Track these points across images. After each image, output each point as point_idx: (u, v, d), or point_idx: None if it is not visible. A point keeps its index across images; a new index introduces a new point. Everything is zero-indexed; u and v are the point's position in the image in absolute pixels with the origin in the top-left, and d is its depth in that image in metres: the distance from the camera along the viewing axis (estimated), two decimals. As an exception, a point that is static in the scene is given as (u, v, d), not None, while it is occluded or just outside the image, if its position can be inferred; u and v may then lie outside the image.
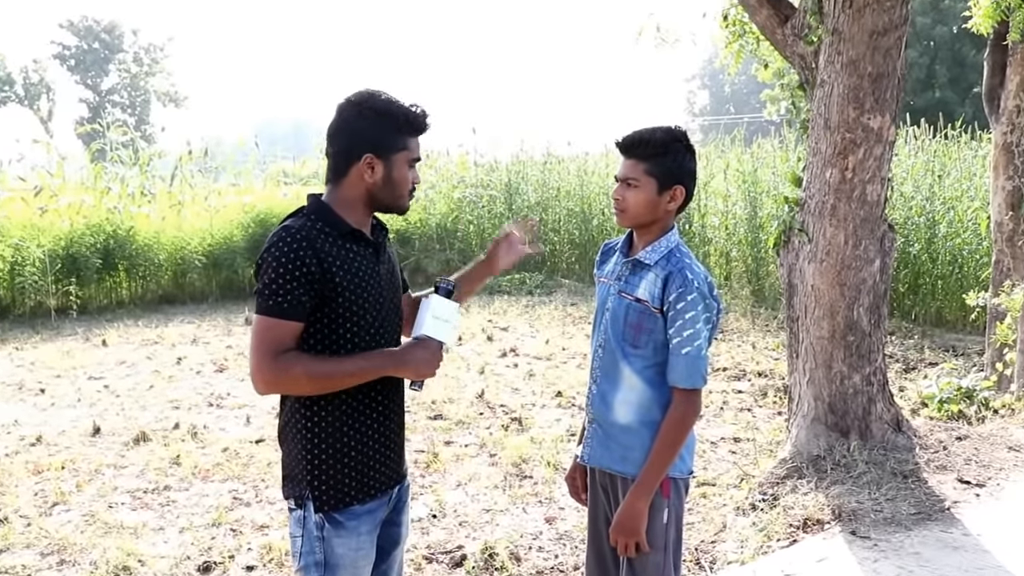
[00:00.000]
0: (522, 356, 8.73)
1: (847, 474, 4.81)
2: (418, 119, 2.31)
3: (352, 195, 2.31)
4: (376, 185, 2.29)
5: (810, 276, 5.17)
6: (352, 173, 2.29)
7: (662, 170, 2.54)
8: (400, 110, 2.28)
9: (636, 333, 2.55)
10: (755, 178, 11.91)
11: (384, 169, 2.28)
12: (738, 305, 11.07)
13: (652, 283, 2.55)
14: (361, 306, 2.26)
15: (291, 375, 2.17)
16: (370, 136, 2.26)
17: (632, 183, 2.57)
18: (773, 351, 8.72)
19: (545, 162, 15.52)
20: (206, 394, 7.34)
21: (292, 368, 2.16)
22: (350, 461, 2.29)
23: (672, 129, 2.58)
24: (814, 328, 5.19)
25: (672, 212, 2.61)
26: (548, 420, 6.51)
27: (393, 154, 2.28)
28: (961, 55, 26.97)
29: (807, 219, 5.19)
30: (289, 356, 2.17)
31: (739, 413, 6.66)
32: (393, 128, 2.27)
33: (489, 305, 11.71)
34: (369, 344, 2.29)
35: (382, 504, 2.39)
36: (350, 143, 2.28)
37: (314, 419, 2.27)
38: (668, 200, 2.58)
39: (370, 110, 2.27)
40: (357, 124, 2.27)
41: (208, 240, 12.55)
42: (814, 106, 5.18)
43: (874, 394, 5.19)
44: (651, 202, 2.57)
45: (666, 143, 2.55)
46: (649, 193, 2.56)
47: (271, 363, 2.16)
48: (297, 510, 2.30)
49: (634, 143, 2.57)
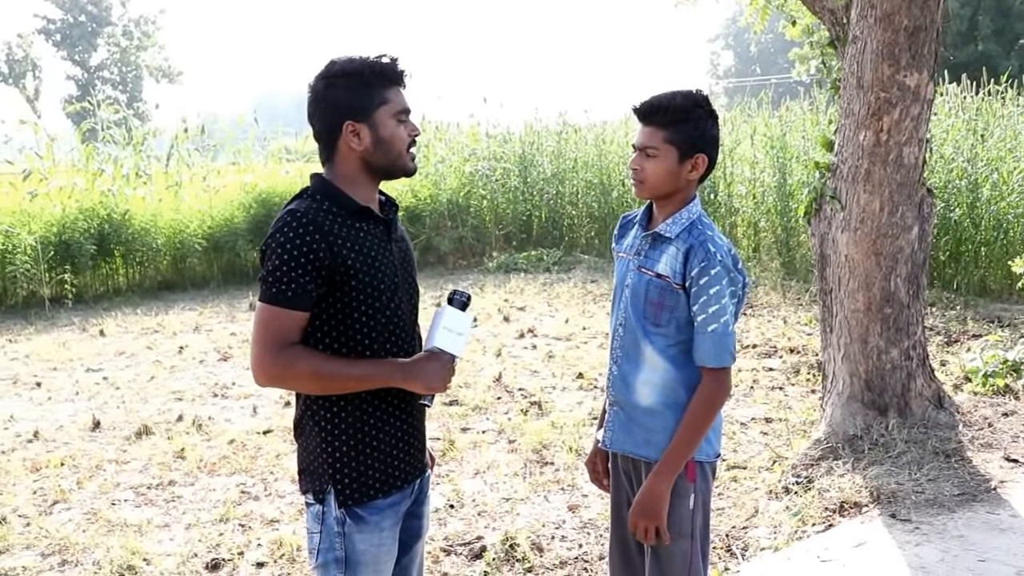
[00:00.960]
0: (540, 337, 8.75)
1: (886, 454, 4.81)
2: (387, 67, 2.28)
3: (349, 169, 2.30)
4: (368, 151, 2.28)
5: (844, 246, 5.15)
6: (341, 147, 2.29)
7: (683, 138, 2.53)
8: (364, 64, 2.25)
9: (657, 311, 2.55)
10: (784, 143, 11.84)
11: (370, 131, 2.27)
12: (768, 278, 11.04)
13: (673, 257, 2.54)
14: (376, 287, 2.26)
15: (294, 371, 2.18)
16: (344, 102, 2.25)
17: (651, 152, 2.55)
18: (806, 326, 8.70)
19: (561, 131, 15.46)
20: (210, 384, 7.39)
21: (296, 364, 2.17)
22: (373, 452, 2.30)
23: (693, 93, 2.56)
24: (849, 301, 5.17)
25: (694, 182, 2.60)
26: (569, 403, 6.53)
27: (373, 112, 2.26)
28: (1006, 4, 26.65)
29: (840, 185, 5.17)
30: (295, 351, 2.17)
31: (770, 392, 6.66)
32: (363, 86, 2.25)
33: (505, 284, 11.72)
34: (385, 327, 2.29)
35: (404, 496, 2.40)
36: (328, 118, 2.27)
37: (334, 409, 2.27)
38: (689, 169, 2.56)
39: (335, 76, 2.26)
40: (328, 95, 2.27)
41: (208, 222, 12.60)
42: (846, 64, 5.14)
43: (913, 369, 5.18)
44: (671, 172, 2.56)
45: (686, 109, 2.53)
46: (669, 162, 2.55)
47: (274, 357, 2.17)
48: (316, 505, 2.30)
49: (652, 109, 2.55)
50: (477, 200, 14.59)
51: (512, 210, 14.49)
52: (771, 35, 50.86)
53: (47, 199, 12.00)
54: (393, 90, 2.29)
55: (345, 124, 2.26)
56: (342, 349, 2.25)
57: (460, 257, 14.10)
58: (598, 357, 7.69)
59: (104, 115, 15.27)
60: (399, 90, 2.31)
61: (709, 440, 2.62)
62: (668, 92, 2.56)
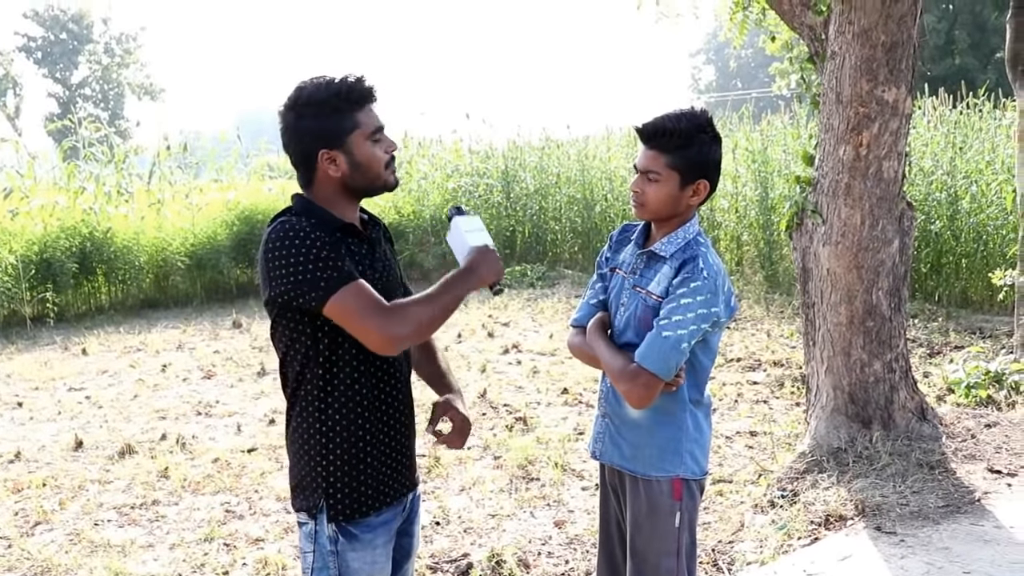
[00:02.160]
0: (525, 352, 8.75)
1: (870, 467, 4.83)
2: (353, 89, 2.26)
3: (329, 193, 2.30)
4: (346, 175, 2.28)
5: (825, 259, 5.18)
6: (318, 174, 2.28)
7: (686, 163, 2.52)
8: (331, 89, 2.24)
9: (645, 329, 2.54)
10: (765, 157, 11.91)
11: (345, 157, 2.26)
12: (751, 291, 11.08)
13: (666, 276, 2.53)
14: None
15: (415, 320, 2.18)
16: (315, 132, 2.24)
17: (653, 176, 2.54)
18: (789, 339, 8.73)
19: (543, 147, 15.52)
20: (194, 402, 7.35)
21: (409, 314, 2.18)
22: (366, 467, 2.30)
23: (697, 115, 2.54)
24: (831, 314, 5.20)
25: (694, 206, 2.60)
26: (554, 419, 6.53)
27: (346, 137, 2.25)
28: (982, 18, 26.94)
29: (820, 199, 5.20)
30: (396, 307, 2.18)
31: (755, 405, 6.68)
32: (332, 112, 2.23)
33: (489, 300, 11.72)
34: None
35: (396, 513, 2.40)
36: (302, 148, 2.27)
37: (328, 423, 2.26)
38: (691, 195, 2.56)
39: (303, 106, 2.24)
40: (299, 126, 2.25)
41: (191, 240, 12.56)
42: (825, 80, 5.19)
43: (896, 381, 5.20)
44: (672, 197, 2.55)
45: (690, 134, 2.51)
46: (671, 188, 2.54)
47: (390, 317, 2.15)
48: (308, 523, 2.30)
49: (656, 132, 2.53)
50: (460, 216, 14.57)
51: (495, 226, 14.49)
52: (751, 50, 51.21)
53: (28, 217, 11.93)
54: (364, 111, 2.27)
55: (320, 153, 2.25)
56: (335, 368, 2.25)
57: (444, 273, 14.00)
58: (583, 372, 7.69)
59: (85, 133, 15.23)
60: (370, 109, 2.29)
61: (695, 457, 2.63)
62: (673, 114, 2.53)
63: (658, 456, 2.61)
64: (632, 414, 2.62)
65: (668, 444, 2.61)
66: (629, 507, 2.66)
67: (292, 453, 2.35)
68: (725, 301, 2.51)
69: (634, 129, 2.61)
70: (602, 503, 2.84)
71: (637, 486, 2.64)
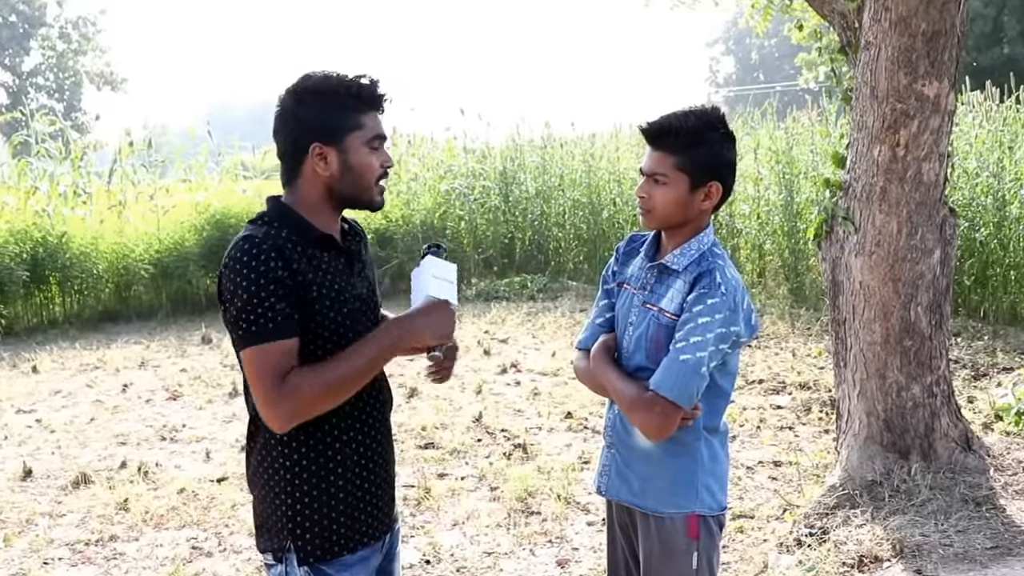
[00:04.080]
0: (525, 372, 8.75)
1: (908, 502, 4.81)
2: (365, 89, 2.28)
3: (311, 195, 2.30)
4: (333, 177, 2.28)
5: (858, 271, 5.17)
6: (305, 169, 2.28)
7: (695, 164, 2.52)
8: (342, 83, 2.26)
9: (657, 350, 2.53)
10: (790, 158, 11.92)
11: (338, 156, 2.26)
12: (774, 306, 11.08)
13: (680, 292, 2.53)
14: (340, 323, 2.25)
15: (305, 397, 2.15)
16: (313, 122, 2.25)
17: (660, 179, 2.55)
18: (817, 359, 8.72)
19: (545, 146, 15.55)
20: (157, 427, 7.34)
21: (302, 390, 2.14)
22: (338, 504, 2.28)
23: (707, 113, 2.55)
24: (864, 332, 5.19)
25: (707, 211, 2.60)
26: (557, 446, 6.52)
27: (344, 136, 2.26)
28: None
29: (852, 205, 5.20)
30: (295, 378, 2.15)
31: (779, 433, 6.66)
32: (336, 106, 2.25)
33: (485, 313, 11.72)
34: None
35: (375, 551, 2.39)
36: (294, 136, 2.27)
37: (293, 456, 2.26)
38: (702, 198, 2.56)
39: (307, 92, 2.26)
40: (297, 113, 2.27)
41: (155, 246, 12.54)
42: (858, 72, 5.19)
43: (937, 407, 5.19)
44: (682, 201, 2.55)
45: (700, 132, 2.52)
46: (680, 191, 2.54)
47: (279, 393, 2.14)
48: (276, 565, 2.29)
49: (662, 131, 2.54)
50: (454, 221, 14.60)
51: (492, 232, 14.50)
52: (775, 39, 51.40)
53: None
54: (369, 115, 2.29)
55: (312, 146, 2.25)
56: None
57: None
58: (589, 395, 7.68)
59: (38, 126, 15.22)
60: (376, 115, 2.31)
61: (712, 491, 2.62)
62: (680, 111, 2.55)
63: (671, 490, 2.60)
64: (642, 444, 2.61)
65: (682, 477, 2.60)
66: (641, 548, 2.64)
67: (255, 489, 2.35)
68: (745, 318, 2.51)
69: (639, 129, 2.61)
70: (610, 544, 2.83)
71: (649, 524, 2.62)
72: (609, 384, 2.61)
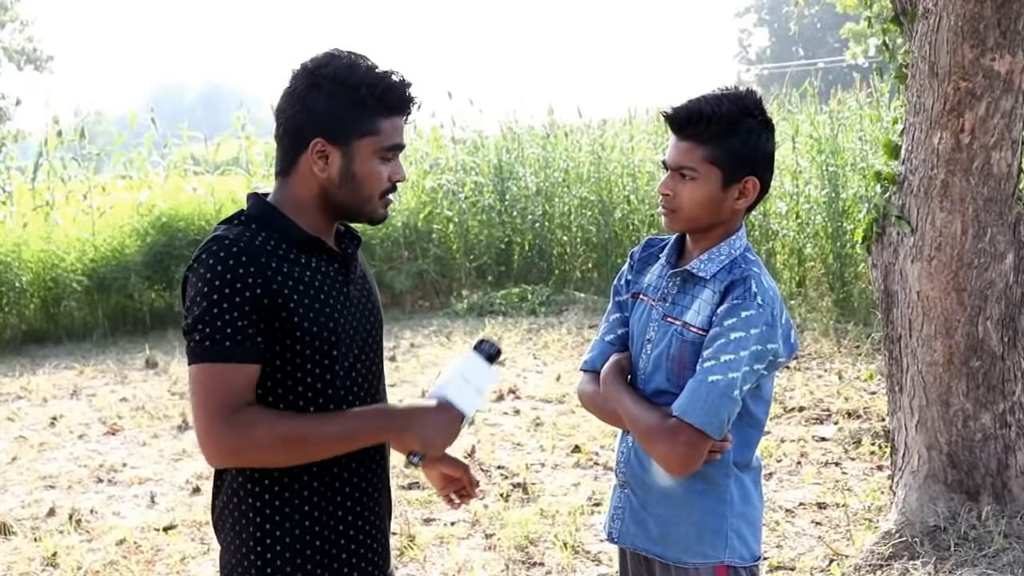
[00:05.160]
0: (525, 399, 8.75)
1: (979, 552, 4.80)
2: (392, 91, 2.26)
3: (303, 195, 2.29)
4: (331, 182, 2.26)
5: (915, 280, 5.16)
6: (301, 165, 2.27)
7: (728, 156, 2.52)
8: (367, 77, 2.23)
9: (681, 370, 2.52)
10: (835, 146, 11.94)
11: (341, 160, 2.25)
12: (817, 320, 11.08)
13: (708, 303, 2.53)
14: (327, 340, 2.23)
15: (255, 439, 2.13)
16: (321, 112, 2.23)
17: (687, 173, 2.55)
18: (867, 383, 8.72)
19: (547, 135, 15.58)
20: (93, 466, 7.31)
21: (256, 429, 2.13)
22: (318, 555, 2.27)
23: (743, 96, 2.55)
24: (923, 351, 5.18)
25: (741, 212, 2.60)
26: (563, 485, 6.51)
27: (355, 139, 2.24)
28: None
29: (908, 201, 5.19)
30: (252, 413, 2.13)
31: (823, 469, 6.65)
32: (354, 103, 2.23)
33: (479, 330, 11.72)
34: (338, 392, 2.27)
35: None
36: (297, 123, 2.25)
37: (265, 496, 2.24)
38: (736, 196, 2.57)
39: (326, 78, 2.23)
40: (307, 97, 2.24)
41: (90, 254, 12.55)
42: (915, 45, 5.19)
43: (1012, 439, 5.18)
44: (712, 199, 2.55)
45: (734, 119, 2.52)
46: (710, 188, 2.54)
47: (227, 423, 2.12)
48: None
49: (690, 118, 2.53)
50: (441, 224, 14.61)
51: (486, 236, 14.50)
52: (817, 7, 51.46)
53: None
54: (390, 120, 2.28)
55: (314, 140, 2.23)
56: None
57: (420, 297, 14.09)
58: (599, 425, 7.66)
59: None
60: (398, 121, 2.30)
61: (744, 538, 2.61)
62: (711, 95, 2.55)
63: (696, 537, 2.60)
64: (661, 483, 2.61)
65: (708, 521, 2.60)
66: None
67: (221, 534, 2.33)
68: (784, 335, 2.51)
69: (663, 116, 2.61)
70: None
71: (669, 573, 2.61)
72: (623, 411, 2.59)
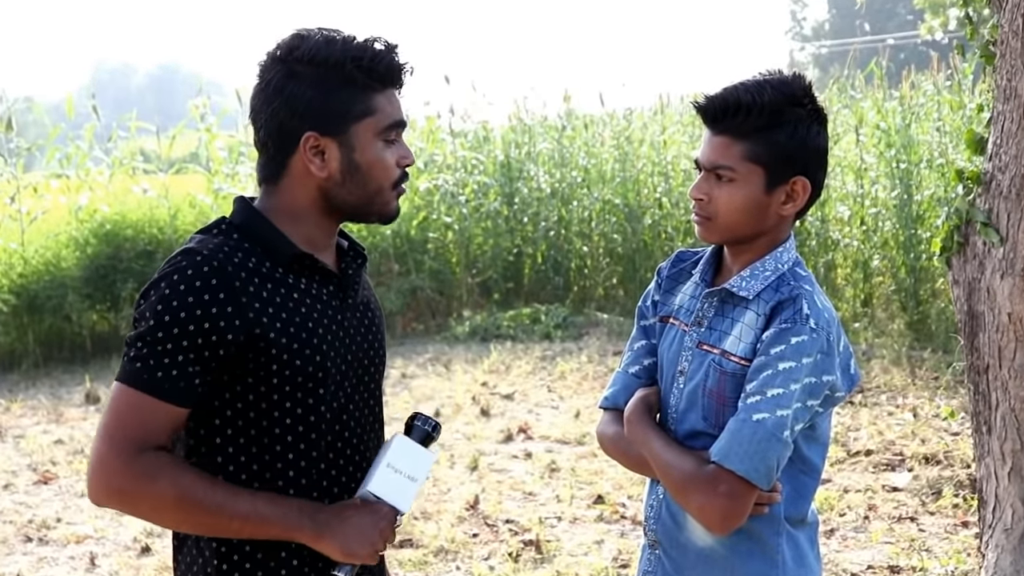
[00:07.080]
0: (538, 440, 8.74)
1: (1082, 623, 4.78)
2: (380, 59, 2.28)
3: (298, 201, 2.31)
4: (333, 179, 2.28)
5: (1005, 299, 5.16)
6: (294, 167, 2.29)
7: (773, 152, 2.52)
8: (348, 51, 2.25)
9: (720, 408, 2.52)
10: (908, 139, 11.94)
11: (340, 152, 2.27)
12: (886, 347, 11.05)
13: (752, 328, 2.52)
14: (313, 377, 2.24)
15: (151, 489, 2.14)
16: (308, 103, 2.24)
17: (724, 174, 2.54)
18: (948, 422, 8.70)
19: (564, 127, 15.60)
20: (20, 522, 7.31)
21: (156, 480, 2.13)
22: None
23: (788, 82, 2.55)
24: (1016, 384, 5.17)
25: (788, 219, 2.60)
26: (583, 543, 6.50)
27: (351, 124, 2.26)
28: None
29: (997, 206, 5.18)
30: (159, 460, 2.14)
31: (896, 525, 6.64)
32: (341, 83, 2.25)
33: (483, 358, 11.71)
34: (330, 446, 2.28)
35: None
36: (280, 121, 2.26)
37: (233, 557, 2.25)
38: (782, 200, 2.56)
39: (302, 62, 2.25)
40: (287, 89, 2.25)
41: (18, 268, 12.57)
42: (1005, 19, 5.18)
43: (1122, 490, 5.17)
44: (754, 204, 2.55)
45: (779, 109, 2.51)
46: (751, 190, 2.54)
47: (126, 462, 2.13)
48: None
49: (726, 109, 2.53)
50: (439, 232, 14.62)
51: (492, 246, 14.51)
52: (885, -25, 51.55)
53: None
54: (385, 94, 2.30)
55: (305, 136, 2.25)
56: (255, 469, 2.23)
57: (413, 318, 14.08)
58: (626, 472, 7.66)
59: None
60: (393, 94, 2.32)
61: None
62: (751, 81, 2.54)
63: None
64: (699, 542, 2.61)
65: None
66: None
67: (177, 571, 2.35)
68: (843, 365, 2.51)
69: (694, 107, 2.61)
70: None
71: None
72: (651, 456, 2.58)
